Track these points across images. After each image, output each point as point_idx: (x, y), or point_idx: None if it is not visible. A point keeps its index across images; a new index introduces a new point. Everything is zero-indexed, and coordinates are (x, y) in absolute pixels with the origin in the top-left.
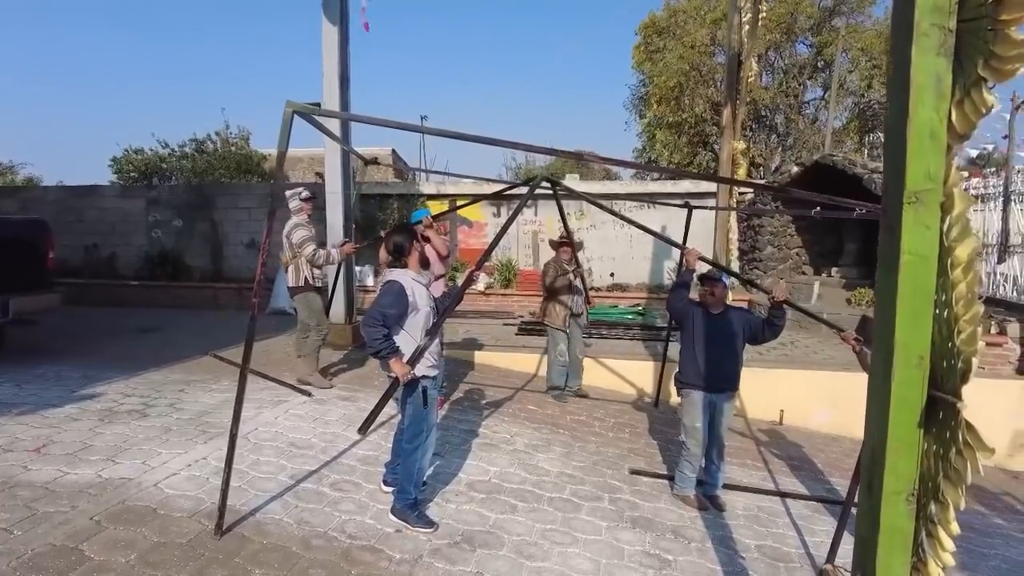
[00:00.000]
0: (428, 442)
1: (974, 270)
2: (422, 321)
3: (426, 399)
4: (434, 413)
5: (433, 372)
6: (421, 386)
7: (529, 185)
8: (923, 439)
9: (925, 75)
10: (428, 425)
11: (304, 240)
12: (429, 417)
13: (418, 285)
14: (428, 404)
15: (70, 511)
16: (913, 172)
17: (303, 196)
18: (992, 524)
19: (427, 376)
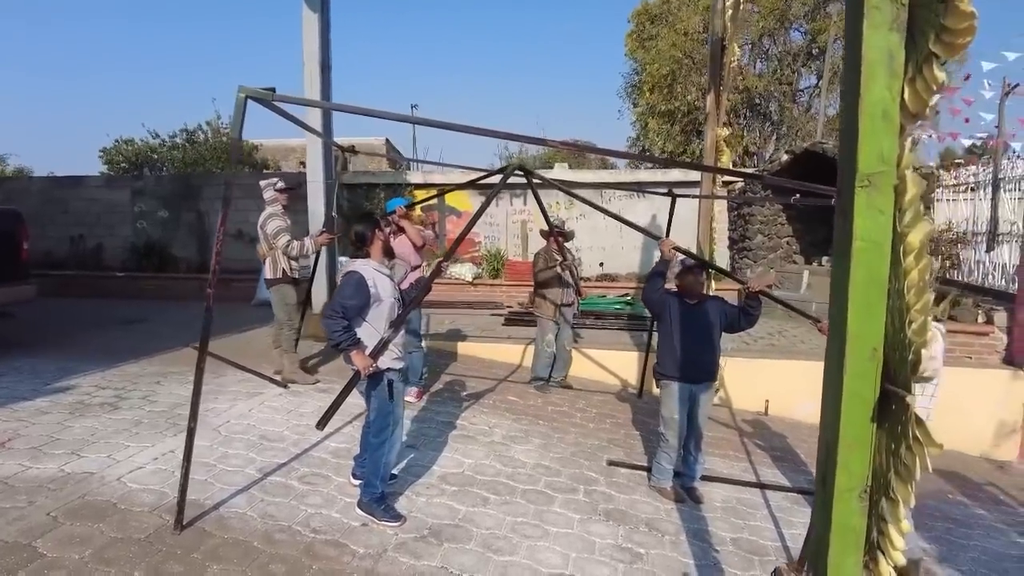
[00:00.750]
0: (395, 436)
1: (926, 257)
2: (386, 312)
3: (391, 392)
4: (400, 407)
5: (399, 364)
6: (386, 379)
7: (502, 174)
8: (876, 434)
9: (877, 52)
10: (394, 419)
11: (278, 231)
12: (395, 411)
13: (380, 275)
14: (394, 398)
15: (27, 507)
16: (866, 154)
17: (277, 187)
18: (973, 515)
19: (392, 369)
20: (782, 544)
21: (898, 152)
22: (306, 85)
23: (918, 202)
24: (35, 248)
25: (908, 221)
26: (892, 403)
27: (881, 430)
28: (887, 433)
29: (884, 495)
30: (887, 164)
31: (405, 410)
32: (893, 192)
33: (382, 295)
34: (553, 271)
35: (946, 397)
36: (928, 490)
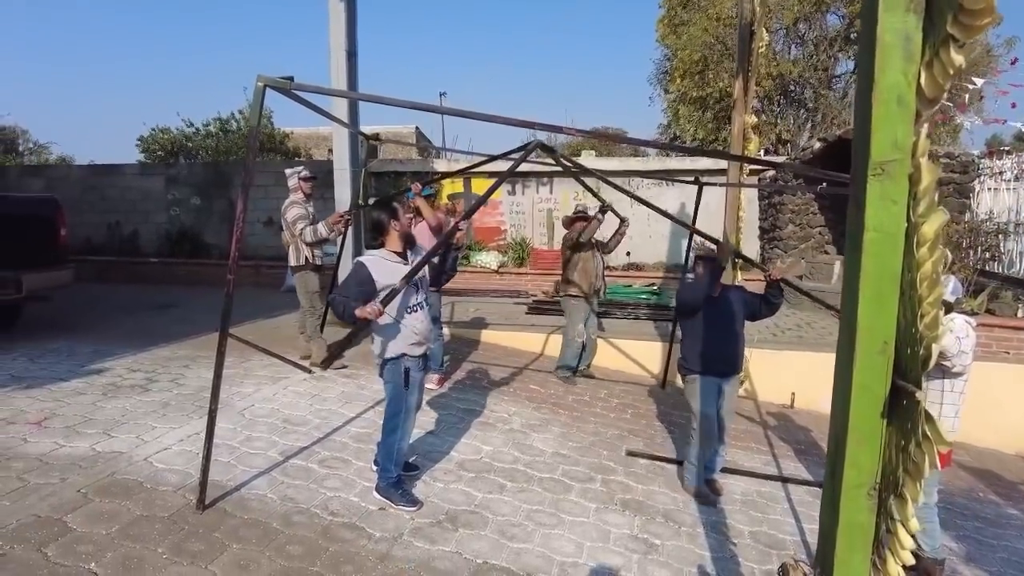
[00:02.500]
0: (408, 422)
1: (940, 248)
2: (398, 300)
3: (407, 379)
4: (416, 394)
5: (417, 351)
6: (403, 365)
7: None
8: (886, 430)
9: (892, 34)
10: (407, 405)
11: (297, 218)
12: (409, 398)
13: (388, 264)
14: (409, 384)
15: (59, 483)
16: (879, 141)
17: (302, 175)
18: (1005, 515)
19: (408, 355)
20: (801, 539)
21: (913, 139)
22: (332, 72)
23: (933, 191)
24: (75, 234)
25: (923, 211)
26: (903, 398)
27: (891, 426)
28: (897, 429)
29: (893, 493)
30: (901, 152)
31: (425, 396)
32: (907, 181)
33: (390, 285)
34: (586, 254)
35: (983, 393)
36: (959, 488)
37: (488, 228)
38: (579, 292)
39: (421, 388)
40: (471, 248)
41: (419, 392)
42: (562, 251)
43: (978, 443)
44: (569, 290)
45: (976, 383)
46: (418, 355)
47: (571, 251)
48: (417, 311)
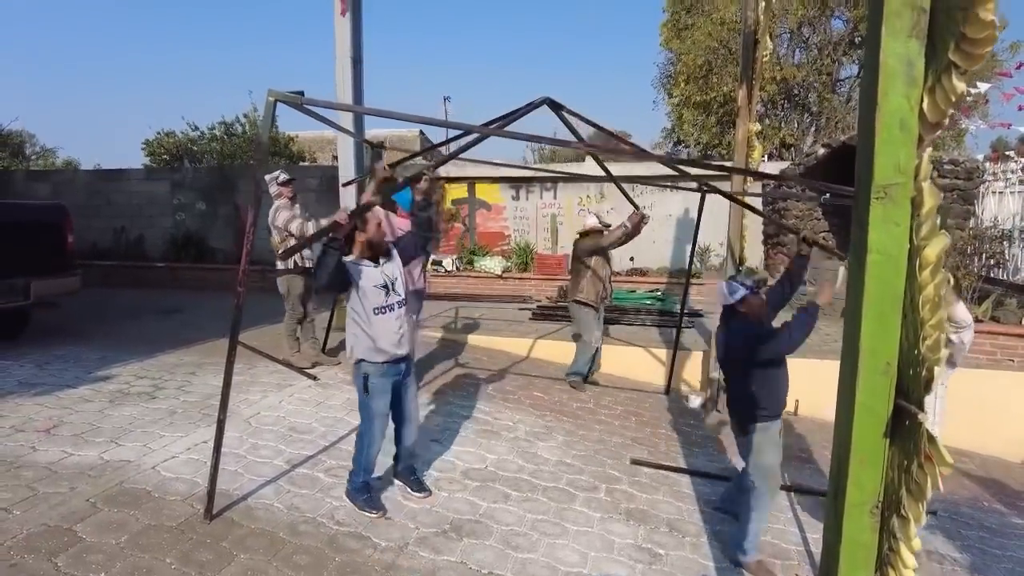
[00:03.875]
0: (375, 429)
1: (942, 272)
2: (364, 301)
3: (366, 385)
4: (379, 400)
5: (377, 357)
6: (362, 371)
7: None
8: (888, 449)
9: (896, 59)
10: (371, 413)
11: (289, 220)
12: (371, 405)
13: (358, 267)
14: (369, 391)
15: (68, 492)
16: (882, 165)
17: (280, 180)
18: (1009, 524)
19: (366, 360)
20: (805, 548)
21: (916, 163)
22: (338, 79)
23: (935, 215)
24: (81, 239)
25: (925, 234)
26: (905, 419)
27: (894, 446)
28: (899, 449)
29: (896, 512)
30: (904, 175)
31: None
32: (910, 204)
33: (362, 283)
34: (598, 261)
35: (988, 401)
36: (963, 497)
37: (492, 233)
38: (585, 299)
39: (403, 397)
40: (474, 253)
41: (396, 400)
42: (575, 258)
43: (983, 451)
44: (578, 296)
45: (981, 391)
46: (380, 361)
47: (586, 257)
48: (385, 313)
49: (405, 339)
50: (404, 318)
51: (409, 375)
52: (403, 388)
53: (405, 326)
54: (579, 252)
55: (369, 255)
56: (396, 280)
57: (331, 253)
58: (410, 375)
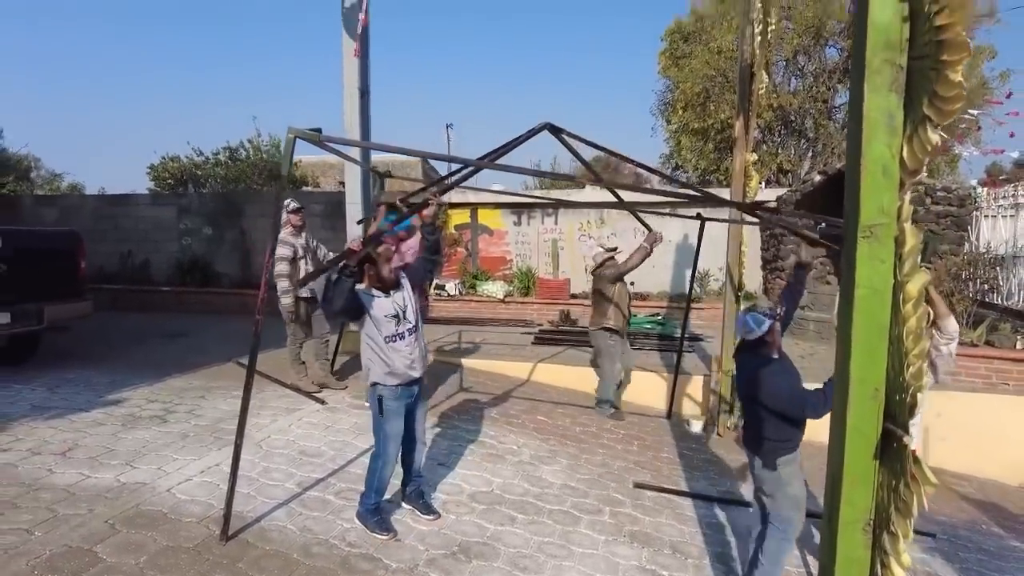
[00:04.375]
0: (388, 450)
1: (924, 305)
2: (379, 328)
3: (381, 407)
4: (393, 422)
5: (391, 380)
6: (377, 393)
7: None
8: (878, 471)
9: (877, 111)
10: (385, 433)
11: (278, 259)
12: (386, 425)
13: (369, 296)
14: (384, 412)
15: (87, 514)
16: (867, 207)
17: (289, 208)
18: (1007, 547)
19: (381, 383)
20: (806, 570)
21: (898, 205)
22: (345, 109)
23: (917, 253)
24: (89, 263)
25: (907, 271)
26: (892, 441)
27: (883, 467)
28: (888, 470)
29: (886, 529)
30: (887, 216)
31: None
32: (893, 243)
33: (374, 312)
34: (620, 287)
35: (985, 425)
36: (962, 520)
37: (494, 258)
38: (614, 325)
39: (415, 418)
40: (477, 277)
41: (407, 422)
42: (596, 289)
43: (981, 475)
44: (605, 323)
45: (977, 415)
46: (393, 384)
47: (610, 285)
48: (396, 341)
49: (417, 362)
50: (416, 343)
51: (420, 398)
52: (416, 409)
53: (417, 350)
54: (602, 282)
55: (380, 287)
56: (407, 308)
57: (344, 281)
58: (421, 398)
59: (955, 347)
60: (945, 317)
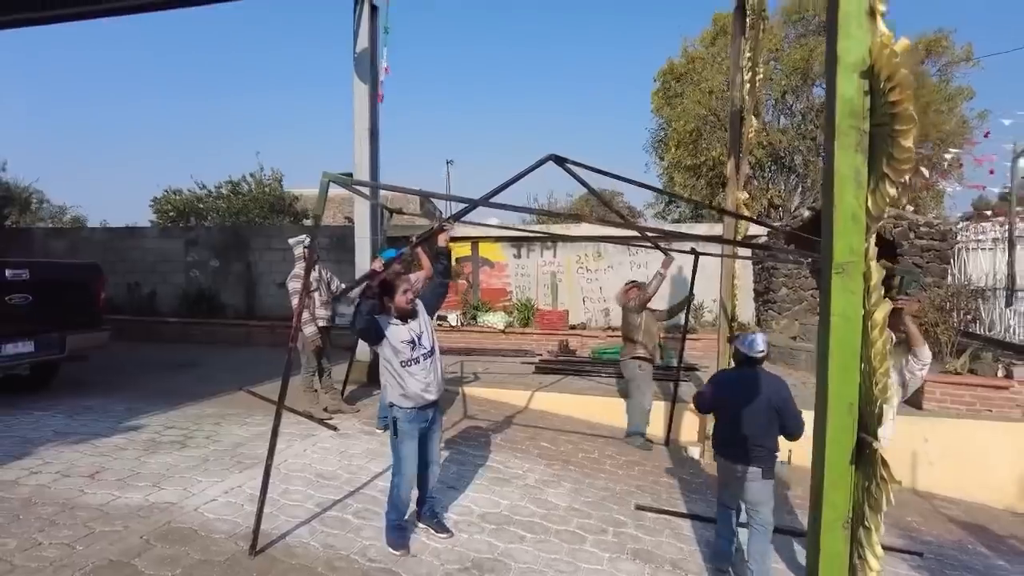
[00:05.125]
0: (405, 469)
1: (888, 331)
2: (395, 353)
3: (395, 428)
4: (408, 444)
5: (405, 403)
6: (392, 415)
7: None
8: (854, 474)
9: (846, 168)
10: (400, 454)
11: (293, 292)
12: (401, 446)
13: (390, 322)
14: (398, 434)
15: (123, 530)
16: (839, 247)
17: (306, 244)
18: (993, 566)
19: (397, 405)
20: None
21: (865, 246)
22: (356, 148)
23: (880, 286)
24: None
25: (874, 301)
26: (865, 448)
27: (858, 471)
28: (862, 473)
29: (860, 524)
30: (856, 255)
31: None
32: (862, 278)
33: (390, 338)
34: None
35: (970, 450)
36: (949, 541)
37: (495, 289)
38: (646, 353)
39: (428, 441)
40: (478, 308)
41: (421, 444)
42: (627, 321)
43: (969, 498)
44: (636, 352)
45: (964, 440)
46: (408, 407)
47: (637, 314)
48: (411, 366)
49: (432, 387)
50: (431, 368)
51: (436, 422)
52: (431, 433)
53: (432, 375)
54: (629, 314)
55: (397, 315)
56: (422, 334)
57: (366, 302)
58: (437, 421)
59: (926, 372)
60: (920, 345)
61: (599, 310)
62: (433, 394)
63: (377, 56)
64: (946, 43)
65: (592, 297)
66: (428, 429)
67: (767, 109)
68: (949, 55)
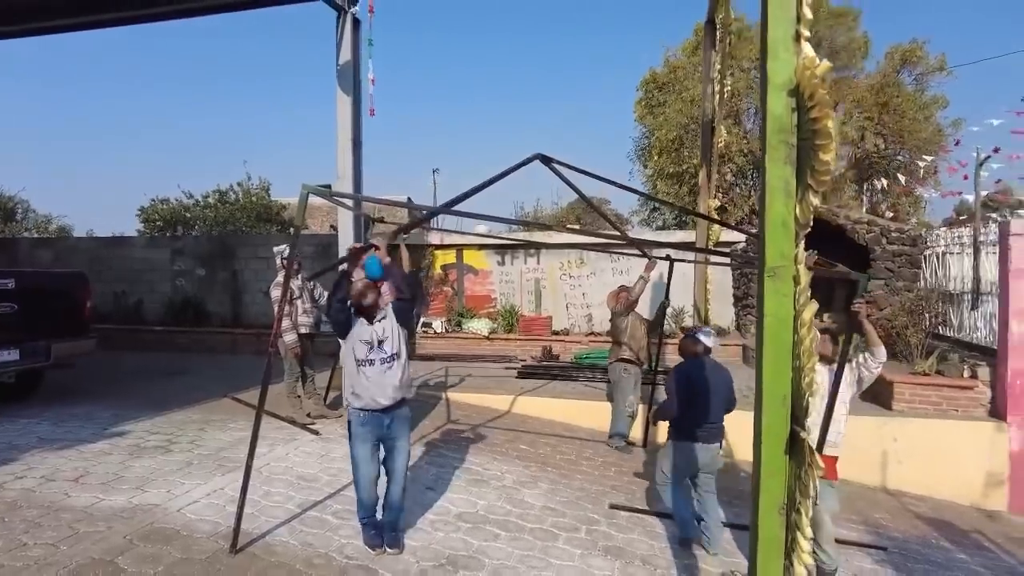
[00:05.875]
0: (359, 474)
1: (814, 330)
2: (355, 350)
3: (349, 428)
4: (359, 447)
5: (357, 403)
6: (348, 416)
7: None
8: (788, 463)
9: (776, 179)
10: (353, 457)
11: (275, 300)
12: (352, 450)
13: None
14: (350, 435)
15: (106, 531)
16: (771, 252)
17: (286, 255)
18: (954, 559)
19: (352, 405)
20: None
21: (795, 251)
22: (339, 159)
23: (808, 288)
24: None
25: (802, 302)
26: (796, 438)
27: (791, 460)
28: (794, 462)
29: (793, 509)
30: (786, 260)
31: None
32: (792, 281)
33: (354, 334)
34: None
35: (937, 449)
36: (913, 536)
37: (479, 296)
38: (631, 355)
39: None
40: (462, 315)
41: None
42: (614, 324)
43: (937, 496)
44: (622, 354)
45: (931, 439)
46: (357, 407)
47: (623, 317)
48: (366, 366)
49: (386, 392)
50: (387, 374)
51: (398, 433)
52: (392, 444)
53: (388, 380)
54: (616, 317)
55: (362, 313)
56: (385, 340)
57: (343, 286)
58: (400, 433)
59: (880, 369)
60: (876, 344)
61: (582, 316)
62: (386, 400)
63: (360, 68)
64: (921, 53)
65: (575, 303)
66: (389, 439)
67: (748, 117)
68: (924, 65)
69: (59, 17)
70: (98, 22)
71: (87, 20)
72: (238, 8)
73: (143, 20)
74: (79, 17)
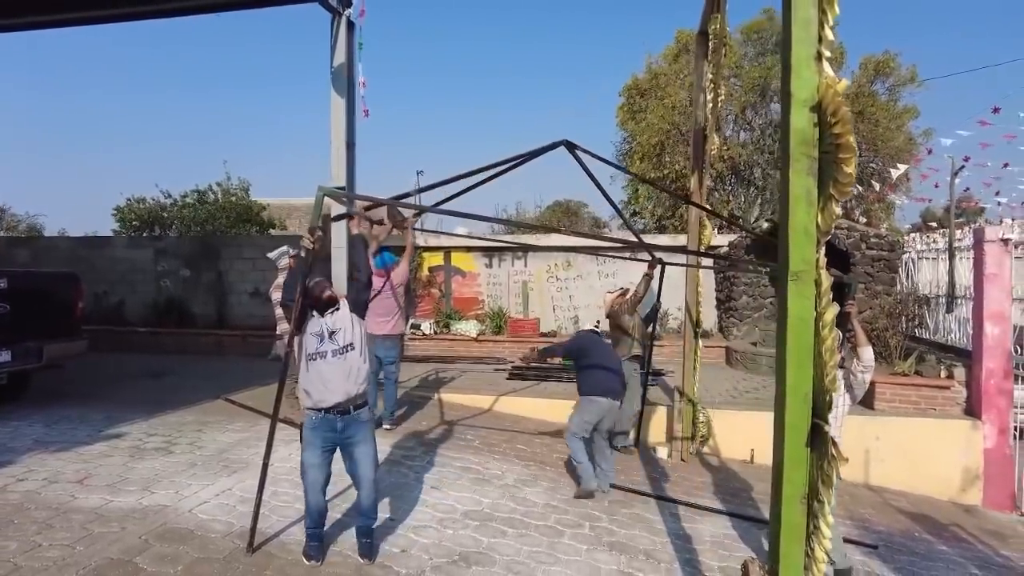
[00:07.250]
0: (306, 481)
1: (836, 330)
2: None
3: (301, 431)
4: (307, 451)
5: (307, 401)
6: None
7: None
8: (810, 455)
9: (799, 189)
10: (301, 462)
11: (277, 302)
12: (302, 453)
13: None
14: (301, 439)
15: (120, 531)
16: (794, 258)
17: (291, 254)
18: (936, 550)
19: (304, 405)
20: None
21: (816, 257)
22: (333, 160)
23: (829, 291)
24: None
25: (823, 305)
26: (818, 432)
27: (812, 452)
28: (816, 454)
29: (815, 498)
30: (809, 264)
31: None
32: (814, 284)
33: (307, 328)
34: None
35: (916, 446)
36: (897, 529)
37: (467, 298)
38: (641, 353)
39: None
40: (451, 317)
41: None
42: (614, 323)
43: (916, 491)
44: (632, 353)
45: (911, 437)
46: (308, 406)
47: (626, 318)
48: (317, 360)
49: (335, 388)
50: (340, 367)
51: (356, 436)
52: (351, 449)
53: (340, 374)
54: (620, 317)
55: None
56: (336, 332)
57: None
58: (359, 437)
59: (870, 375)
60: (864, 347)
61: (569, 318)
62: (337, 396)
63: (354, 71)
64: (893, 64)
65: (562, 305)
66: (346, 444)
67: (727, 124)
68: (896, 76)
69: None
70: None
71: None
72: (237, 8)
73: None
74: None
